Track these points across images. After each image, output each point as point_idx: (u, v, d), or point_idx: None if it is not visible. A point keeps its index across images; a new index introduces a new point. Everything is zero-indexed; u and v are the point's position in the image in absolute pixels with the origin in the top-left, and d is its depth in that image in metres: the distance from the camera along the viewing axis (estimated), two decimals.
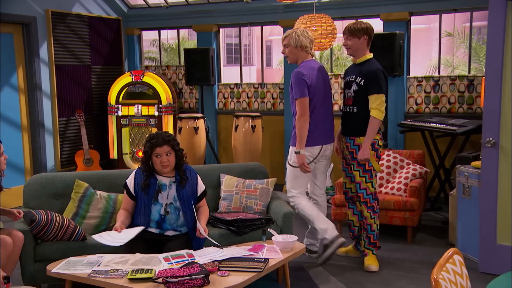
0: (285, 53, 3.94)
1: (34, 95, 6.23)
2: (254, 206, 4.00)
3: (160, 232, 3.45)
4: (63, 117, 6.67)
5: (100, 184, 3.93)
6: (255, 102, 7.01)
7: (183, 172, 3.54)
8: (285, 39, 3.92)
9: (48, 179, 3.87)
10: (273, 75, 16.57)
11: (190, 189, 3.54)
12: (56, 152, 6.58)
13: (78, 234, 3.49)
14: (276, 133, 6.85)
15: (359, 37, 3.82)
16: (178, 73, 7.55)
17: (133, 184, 3.52)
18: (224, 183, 4.13)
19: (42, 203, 3.79)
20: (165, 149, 3.44)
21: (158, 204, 3.46)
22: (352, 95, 3.87)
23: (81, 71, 6.89)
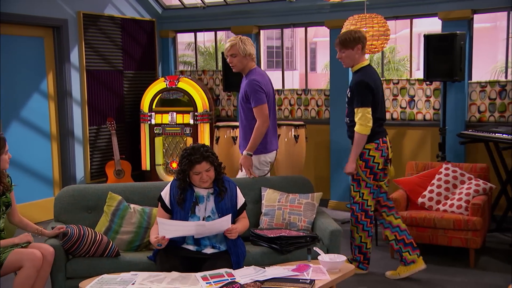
0: (232, 63, 4.15)
1: (64, 102, 6.46)
2: (298, 222, 4.02)
3: (198, 250, 3.50)
4: (94, 126, 6.87)
5: (134, 197, 4.02)
6: (298, 110, 7.02)
7: (221, 183, 3.60)
8: (231, 48, 4.13)
9: (80, 191, 3.99)
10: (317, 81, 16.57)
11: (229, 201, 3.59)
12: (86, 163, 6.77)
13: (111, 250, 3.58)
14: (321, 144, 6.84)
15: (353, 48, 4.06)
16: (215, 78, 7.66)
17: (169, 197, 3.60)
18: (266, 197, 4.16)
19: (73, 216, 3.91)
20: (204, 166, 3.49)
21: (195, 217, 3.52)
22: (346, 106, 4.19)
23: (113, 77, 7.09)
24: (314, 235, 3.84)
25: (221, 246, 3.52)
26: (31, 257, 3.26)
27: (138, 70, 7.47)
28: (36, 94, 6.30)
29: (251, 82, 4.12)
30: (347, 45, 4.06)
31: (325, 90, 6.91)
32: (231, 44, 4.13)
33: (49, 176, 6.47)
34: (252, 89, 4.11)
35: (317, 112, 6.90)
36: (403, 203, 5.02)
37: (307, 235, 3.80)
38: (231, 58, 4.16)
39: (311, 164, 6.84)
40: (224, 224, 3.40)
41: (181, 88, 7.05)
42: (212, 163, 3.52)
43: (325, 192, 6.43)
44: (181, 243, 3.49)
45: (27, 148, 6.16)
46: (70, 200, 3.94)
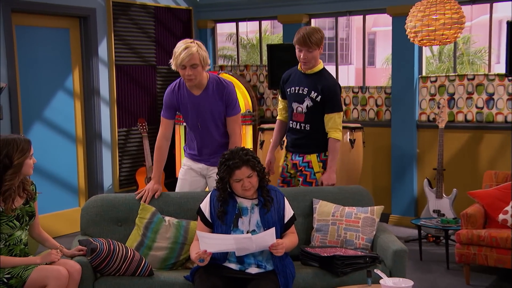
0: (192, 75, 3.98)
1: (91, 101, 6.60)
2: (356, 240, 4.00)
3: (241, 269, 3.51)
4: (123, 127, 6.98)
5: (169, 208, 4.07)
6: (354, 110, 6.99)
7: (266, 192, 3.63)
8: (192, 57, 3.91)
9: (109, 202, 4.06)
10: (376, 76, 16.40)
11: (276, 213, 3.61)
12: (115, 169, 6.89)
13: (144, 268, 3.62)
14: (380, 149, 6.79)
15: (319, 47, 4.27)
16: (259, 74, 7.69)
17: (209, 209, 3.63)
18: (318, 210, 4.15)
19: (102, 229, 3.98)
20: (244, 172, 3.51)
21: (238, 231, 3.54)
22: (304, 111, 4.35)
23: (145, 72, 7.20)
24: (374, 255, 3.81)
25: (267, 265, 3.52)
26: (56, 275, 3.34)
27: None
28: (60, 92, 6.44)
29: (232, 89, 4.17)
30: (318, 44, 4.26)
31: (385, 88, 6.86)
32: (189, 52, 3.92)
33: (74, 184, 6.61)
34: (234, 96, 4.18)
35: (376, 112, 6.86)
36: (480, 220, 4.93)
37: (367, 255, 3.77)
38: (189, 69, 3.96)
39: (369, 173, 6.80)
40: (267, 239, 3.40)
41: None
42: (253, 168, 3.54)
43: (387, 206, 6.37)
44: (222, 261, 3.52)
45: (50, 152, 6.30)
46: (98, 211, 4.01)
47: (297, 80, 4.37)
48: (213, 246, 3.38)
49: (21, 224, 3.54)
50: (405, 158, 6.54)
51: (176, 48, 4.00)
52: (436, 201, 5.89)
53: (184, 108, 4.24)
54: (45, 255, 3.51)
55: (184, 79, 4.07)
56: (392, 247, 3.79)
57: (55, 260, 3.48)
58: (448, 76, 6.44)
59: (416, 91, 6.53)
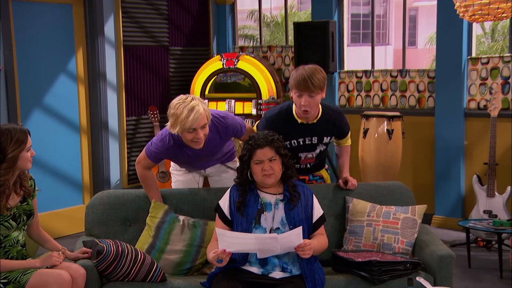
0: (203, 136, 3.87)
1: (96, 86, 6.61)
2: (395, 243, 3.98)
3: (264, 273, 3.51)
4: (133, 116, 7.00)
5: (184, 206, 4.09)
6: (392, 97, 6.97)
7: (293, 187, 3.63)
8: (202, 118, 3.79)
9: (117, 199, 4.07)
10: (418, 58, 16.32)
11: (303, 211, 3.62)
12: (123, 163, 6.93)
13: (156, 274, 3.63)
14: (422, 141, 6.75)
15: (323, 90, 3.99)
16: (285, 56, 7.68)
17: (228, 205, 3.65)
18: (351, 209, 4.14)
19: (109, 230, 4.00)
20: (267, 153, 3.55)
21: (261, 228, 3.55)
22: (316, 155, 4.25)
23: (157, 54, 7.21)
24: (416, 261, 3.79)
25: (293, 269, 3.53)
26: (58, 280, 3.34)
27: (187, 46, 7.56)
28: (62, 76, 6.47)
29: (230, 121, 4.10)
30: (322, 86, 3.96)
31: (428, 71, 6.81)
32: (200, 113, 3.77)
33: (78, 179, 6.66)
34: (237, 124, 4.13)
35: (417, 99, 6.82)
36: None
37: (407, 261, 3.75)
38: (202, 131, 3.84)
39: (409, 168, 6.77)
40: (293, 239, 3.39)
41: (241, 69, 7.10)
42: (277, 151, 3.57)
43: (430, 205, 6.33)
44: (242, 264, 3.52)
45: (51, 143, 6.34)
46: (104, 209, 4.03)
47: (298, 132, 4.14)
48: (233, 245, 3.38)
49: (18, 224, 3.55)
50: (451, 151, 6.49)
51: (174, 110, 3.81)
52: (487, 200, 5.83)
53: (182, 161, 4.24)
54: (45, 258, 3.52)
55: (190, 143, 3.89)
56: (436, 252, 3.76)
57: (56, 263, 3.49)
58: (502, 57, 6.35)
59: (465, 74, 6.46)
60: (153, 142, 4.06)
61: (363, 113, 6.45)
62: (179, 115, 3.75)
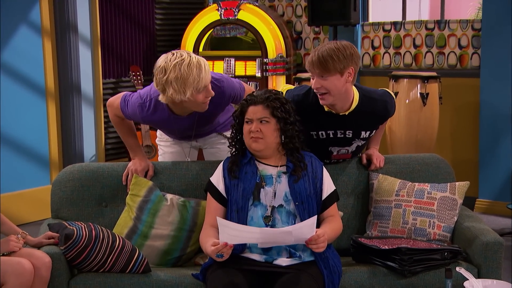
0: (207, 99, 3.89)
1: (65, 40, 6.58)
2: (429, 228, 3.98)
3: (267, 260, 3.52)
4: (110, 78, 7.02)
5: (172, 182, 4.07)
6: (427, 54, 6.97)
7: (298, 158, 3.67)
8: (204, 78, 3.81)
9: (90, 173, 4.06)
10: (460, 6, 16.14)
11: (312, 185, 3.65)
12: (99, 134, 6.93)
13: (138, 264, 3.61)
14: (464, 108, 6.76)
15: (342, 73, 3.83)
16: (296, 5, 7.67)
17: (223, 180, 3.68)
18: (376, 187, 4.14)
19: (80, 211, 4.00)
20: (258, 111, 3.61)
21: (260, 206, 3.58)
22: (353, 150, 4.20)
23: (140, 2, 7.20)
24: (456, 249, 3.78)
25: (304, 254, 3.55)
26: (17, 270, 3.33)
27: None
28: (23, 28, 6.42)
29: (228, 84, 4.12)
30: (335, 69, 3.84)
31: (473, 21, 6.82)
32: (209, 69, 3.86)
33: (44, 154, 6.64)
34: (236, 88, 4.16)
35: (458, 57, 6.83)
36: None
37: (445, 249, 3.75)
38: (206, 94, 3.88)
39: (448, 140, 6.81)
40: (306, 231, 3.40)
41: (242, 20, 7.09)
42: (272, 113, 3.59)
43: (473, 183, 6.29)
44: (241, 251, 3.53)
45: (10, 110, 6.32)
46: (75, 186, 4.02)
47: (327, 122, 4.08)
48: (236, 238, 3.38)
49: None
50: (499, 121, 6.48)
51: (176, 72, 3.76)
52: None
53: (165, 130, 4.32)
54: (1, 243, 3.50)
55: (195, 107, 3.91)
56: (481, 238, 3.75)
57: (15, 249, 3.48)
58: None
59: None
60: (131, 101, 4.06)
61: (392, 74, 6.44)
62: (188, 77, 3.73)
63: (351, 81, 3.91)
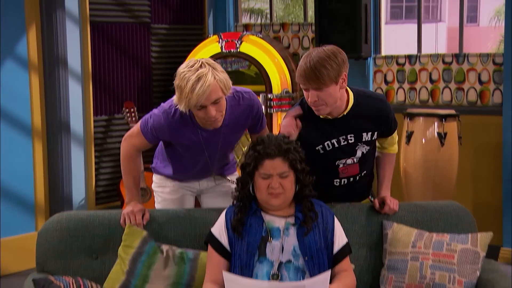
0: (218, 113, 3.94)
1: (54, 75, 6.62)
2: (449, 284, 3.94)
3: None
4: (102, 115, 7.05)
5: (168, 232, 4.09)
6: (445, 90, 7.00)
7: (308, 206, 3.67)
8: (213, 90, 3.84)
9: (78, 223, 4.06)
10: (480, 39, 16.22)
11: (322, 237, 3.65)
12: (89, 176, 6.95)
13: None
14: (486, 148, 6.76)
15: (337, 81, 3.94)
16: (303, 37, 7.72)
17: (225, 231, 3.68)
18: (391, 238, 4.13)
19: (68, 264, 3.98)
20: (278, 165, 3.57)
21: (266, 262, 3.57)
22: (359, 160, 4.26)
23: (135, 34, 7.25)
24: None
25: None
26: None
27: (175, 24, 7.59)
28: (9, 62, 6.47)
29: (257, 100, 4.25)
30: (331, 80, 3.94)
31: (494, 55, 6.82)
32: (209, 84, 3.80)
33: (29, 198, 6.64)
34: (261, 107, 4.30)
35: (479, 93, 6.84)
36: None
37: None
38: (214, 108, 3.91)
39: (468, 183, 6.77)
40: (319, 286, 3.40)
41: (245, 53, 7.12)
42: (292, 166, 3.59)
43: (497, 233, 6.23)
44: None
45: None
46: (63, 237, 4.02)
47: (326, 130, 4.16)
48: None
49: None
50: None
51: (180, 81, 3.85)
52: None
53: (186, 146, 4.27)
54: None
55: (204, 123, 4.02)
56: None
57: None
58: None
59: None
60: (153, 113, 4.10)
61: (407, 112, 6.45)
62: (184, 88, 3.80)
63: (345, 86, 4.01)
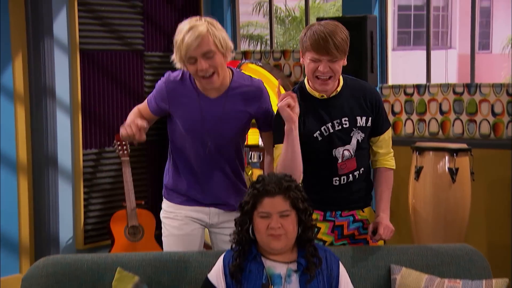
0: (210, 68, 4.03)
1: (40, 107, 6.63)
2: None
3: None
4: (92, 148, 7.04)
5: (162, 277, 4.04)
6: (456, 122, 7.00)
7: (311, 251, 3.64)
8: (203, 41, 3.95)
9: (65, 268, 4.02)
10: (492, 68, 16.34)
11: (326, 285, 3.63)
12: (78, 213, 6.94)
13: None
14: (500, 184, 6.74)
15: (346, 54, 4.10)
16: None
17: (223, 278, 3.64)
18: (399, 283, 4.11)
19: None
20: (278, 204, 3.53)
21: None
22: (354, 151, 4.26)
23: (127, 63, 7.26)
24: None
25: None
26: None
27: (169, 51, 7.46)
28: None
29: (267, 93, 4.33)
30: (345, 48, 4.09)
31: (508, 85, 6.83)
32: (198, 34, 3.95)
33: (13, 237, 6.63)
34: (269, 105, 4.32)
35: (492, 126, 6.84)
36: None
37: None
38: (205, 62, 4.00)
39: (482, 223, 6.77)
40: None
41: None
42: (293, 205, 3.55)
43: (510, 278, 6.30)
44: None
45: None
46: (48, 283, 3.97)
47: (322, 115, 4.20)
48: None
49: None
50: None
51: (177, 35, 4.01)
52: None
53: (185, 117, 4.24)
54: None
55: (199, 79, 4.08)
56: None
57: None
58: None
59: None
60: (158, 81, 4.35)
61: (415, 146, 6.43)
62: (177, 40, 4.01)
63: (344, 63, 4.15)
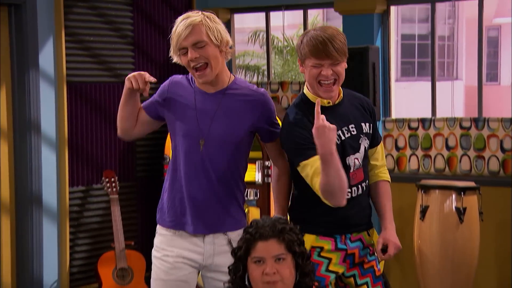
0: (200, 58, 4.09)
1: (25, 142, 6.60)
2: None
3: None
4: (79, 186, 6.99)
5: None
6: (463, 158, 6.99)
7: None
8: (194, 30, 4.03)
9: None
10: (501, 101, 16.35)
11: None
12: (63, 256, 6.87)
13: None
14: (510, 224, 6.69)
15: (346, 57, 4.16)
16: None
17: None
18: None
19: None
20: (272, 248, 3.48)
21: None
22: (361, 162, 4.26)
23: (116, 95, 7.17)
24: None
25: None
26: None
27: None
28: None
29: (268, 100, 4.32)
30: (345, 51, 4.15)
31: None
32: (190, 23, 4.02)
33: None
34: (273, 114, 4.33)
35: (501, 162, 6.83)
36: None
37: None
38: (196, 51, 4.05)
39: (492, 265, 6.74)
40: None
41: None
42: (289, 247, 3.50)
43: None
44: None
45: None
46: None
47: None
48: None
49: None
50: None
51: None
52: None
53: (179, 113, 4.28)
54: None
55: (192, 72, 4.14)
56: None
57: None
58: None
59: None
60: None
61: (421, 184, 6.42)
62: (173, 32, 4.08)
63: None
